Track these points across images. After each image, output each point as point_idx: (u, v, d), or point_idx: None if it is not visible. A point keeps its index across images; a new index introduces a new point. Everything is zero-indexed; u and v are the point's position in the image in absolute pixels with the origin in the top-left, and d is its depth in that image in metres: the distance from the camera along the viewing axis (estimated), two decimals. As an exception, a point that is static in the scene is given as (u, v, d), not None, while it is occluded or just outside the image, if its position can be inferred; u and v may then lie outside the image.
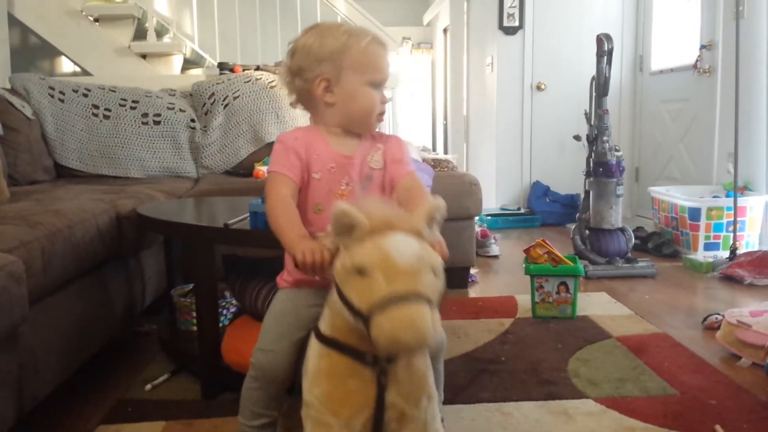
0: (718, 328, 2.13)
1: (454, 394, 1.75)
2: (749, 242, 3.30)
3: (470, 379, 1.86)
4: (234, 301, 2.01)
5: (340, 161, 1.23)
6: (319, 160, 1.22)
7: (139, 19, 3.97)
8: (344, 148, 1.25)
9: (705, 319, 2.31)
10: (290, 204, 1.17)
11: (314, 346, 1.09)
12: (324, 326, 1.08)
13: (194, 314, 1.90)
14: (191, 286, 2.05)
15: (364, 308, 0.93)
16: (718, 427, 1.53)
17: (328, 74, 1.21)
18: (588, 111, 3.32)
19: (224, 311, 1.99)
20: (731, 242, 3.19)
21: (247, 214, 1.65)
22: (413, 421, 1.07)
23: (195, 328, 1.90)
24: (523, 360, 2.01)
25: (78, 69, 3.95)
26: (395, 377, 1.05)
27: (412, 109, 6.90)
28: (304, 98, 1.27)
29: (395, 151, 1.28)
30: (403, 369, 1.06)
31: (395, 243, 0.96)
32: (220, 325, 1.84)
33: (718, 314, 2.26)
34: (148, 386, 1.84)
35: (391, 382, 1.05)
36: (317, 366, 1.07)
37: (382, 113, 1.27)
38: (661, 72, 4.40)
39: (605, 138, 3.19)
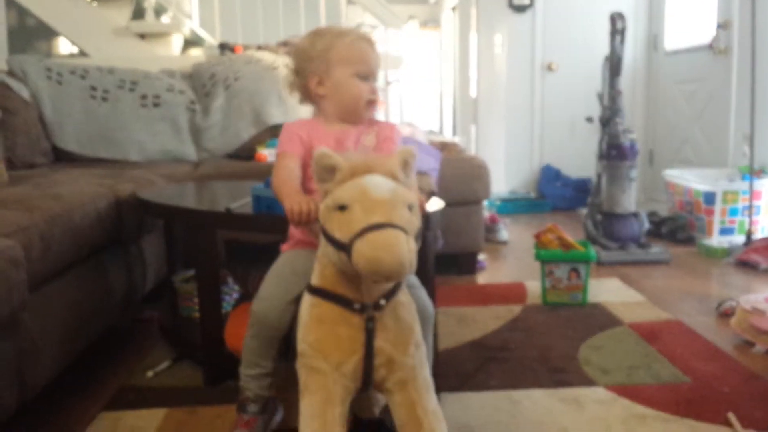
0: (733, 314, 2.10)
1: (461, 382, 1.74)
2: (765, 227, 3.26)
3: (478, 367, 1.84)
4: (236, 287, 2.00)
5: (336, 137, 1.39)
6: (319, 143, 1.34)
7: (137, -2, 3.91)
8: (340, 130, 1.41)
9: (719, 306, 2.28)
10: (291, 170, 1.32)
11: (306, 299, 1.18)
12: (314, 278, 1.17)
13: (196, 301, 1.88)
14: (193, 272, 2.03)
15: (346, 238, 1.04)
16: (730, 414, 1.51)
17: (319, 70, 1.39)
18: (601, 92, 3.27)
19: (226, 297, 1.98)
20: (747, 227, 3.15)
21: (250, 199, 1.62)
22: (402, 367, 1.15)
23: (197, 314, 1.87)
24: (533, 347, 1.99)
25: (75, 50, 3.90)
26: (382, 324, 1.14)
27: (418, 91, 6.83)
28: (305, 94, 1.45)
29: (387, 132, 1.45)
30: (390, 317, 1.15)
31: (371, 180, 1.07)
32: (223, 311, 1.82)
33: (733, 300, 2.23)
34: (150, 373, 1.82)
35: (379, 328, 1.13)
36: (309, 315, 1.16)
37: (371, 102, 1.41)
38: (676, 52, 4.33)
39: (618, 120, 3.16)
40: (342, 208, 1.05)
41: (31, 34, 4.14)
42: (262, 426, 1.42)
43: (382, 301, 1.13)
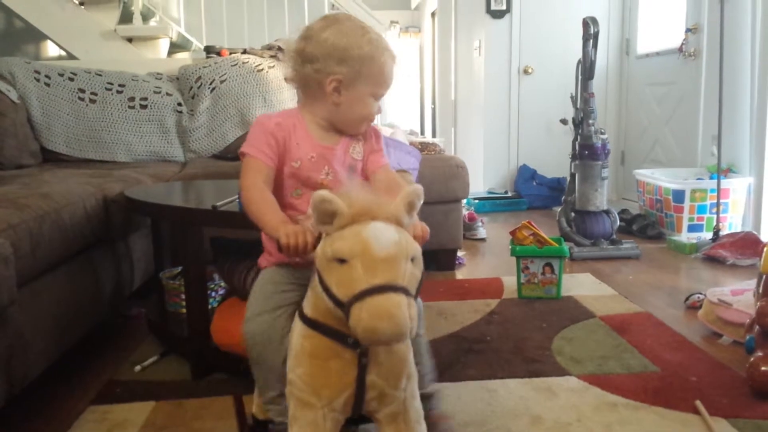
0: (700, 307, 2.16)
1: (440, 373, 1.73)
2: (732, 224, 3.34)
3: (456, 358, 1.89)
4: (222, 283, 2.02)
5: (321, 151, 1.25)
6: (299, 149, 1.24)
7: (124, 2, 3.92)
8: (326, 140, 1.27)
9: (687, 299, 2.35)
10: (266, 191, 1.19)
11: (297, 326, 1.13)
12: (307, 308, 1.11)
13: (183, 296, 1.90)
14: (180, 268, 2.06)
15: (343, 297, 0.97)
16: (698, 402, 1.56)
17: (343, 77, 1.23)
18: (574, 94, 3.33)
19: (213, 293, 2.00)
20: (714, 224, 3.23)
21: (236, 196, 1.66)
22: (393, 401, 1.12)
23: (184, 310, 1.90)
24: (509, 339, 2.04)
25: (63, 53, 3.91)
26: (376, 358, 1.09)
27: (399, 93, 6.89)
28: (307, 85, 1.27)
29: (374, 143, 1.34)
30: (384, 350, 1.10)
31: (374, 232, 0.98)
32: (209, 307, 1.85)
33: (700, 294, 2.29)
34: (138, 367, 1.85)
35: (372, 363, 1.08)
36: (300, 346, 1.10)
37: (371, 121, 1.32)
38: (647, 55, 4.42)
39: (591, 121, 3.22)
40: (341, 260, 0.98)
41: (19, 37, 4.12)
42: None
43: None
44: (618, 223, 3.28)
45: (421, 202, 1.07)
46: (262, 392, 1.29)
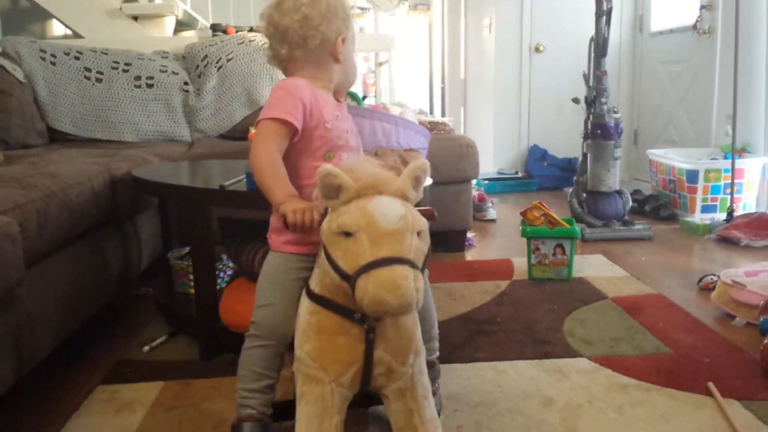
0: (713, 288, 2.14)
1: (450, 354, 1.77)
2: (746, 204, 3.31)
3: (466, 339, 1.88)
4: (231, 264, 2.02)
5: (339, 113, 1.28)
6: (326, 109, 1.24)
7: (130, -20, 3.89)
8: (335, 104, 1.30)
9: (700, 280, 2.33)
10: (278, 160, 1.17)
11: (305, 303, 1.14)
12: (314, 284, 1.12)
13: (191, 277, 1.90)
14: (188, 249, 2.06)
15: (349, 270, 0.98)
16: (710, 384, 1.55)
17: (344, 34, 1.28)
18: (586, 72, 3.29)
19: (221, 273, 2.00)
20: (728, 204, 3.20)
21: (243, 176, 1.65)
22: (401, 376, 1.13)
23: (192, 290, 1.90)
24: (519, 321, 2.03)
25: (69, 32, 3.88)
26: (383, 334, 1.10)
27: (408, 72, 6.83)
28: (311, 51, 1.26)
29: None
30: (391, 326, 1.11)
31: (380, 206, 1.00)
32: (218, 287, 1.85)
33: (714, 275, 2.27)
34: (146, 348, 1.85)
35: (379, 338, 1.10)
36: (307, 322, 1.11)
37: None
38: (661, 33, 4.36)
39: (603, 100, 3.18)
40: (347, 234, 0.99)
41: (25, 15, 4.11)
42: None
43: None
44: (630, 203, 3.25)
45: (428, 176, 1.08)
46: (249, 381, 1.23)
